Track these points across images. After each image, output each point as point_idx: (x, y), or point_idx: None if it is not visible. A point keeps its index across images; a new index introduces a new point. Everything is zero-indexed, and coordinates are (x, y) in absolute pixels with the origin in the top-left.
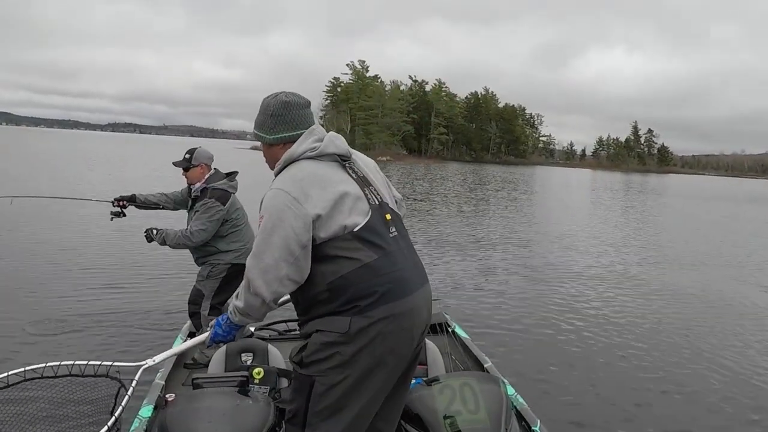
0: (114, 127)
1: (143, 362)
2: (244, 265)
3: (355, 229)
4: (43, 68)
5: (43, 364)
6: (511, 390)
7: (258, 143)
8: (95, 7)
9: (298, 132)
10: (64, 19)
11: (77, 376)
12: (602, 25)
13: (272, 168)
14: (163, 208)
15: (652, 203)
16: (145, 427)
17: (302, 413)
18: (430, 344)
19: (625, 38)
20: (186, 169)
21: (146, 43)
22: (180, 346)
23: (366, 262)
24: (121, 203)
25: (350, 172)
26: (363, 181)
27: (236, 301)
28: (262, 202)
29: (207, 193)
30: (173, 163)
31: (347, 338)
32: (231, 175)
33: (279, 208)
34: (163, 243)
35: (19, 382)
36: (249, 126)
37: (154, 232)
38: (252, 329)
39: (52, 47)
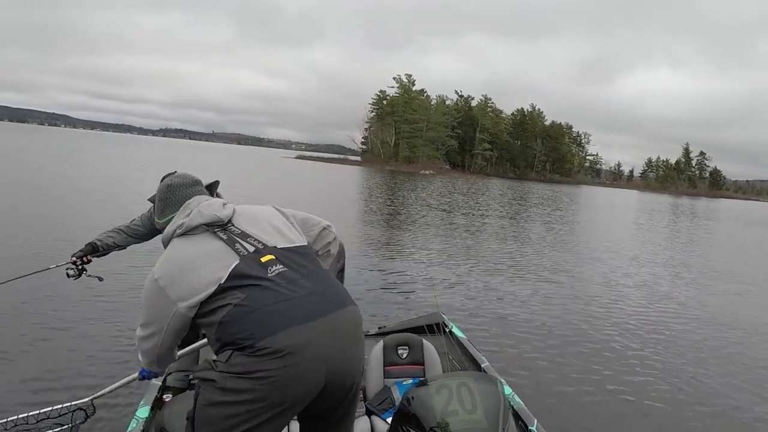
0: (165, 132)
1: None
2: None
3: (222, 282)
4: (98, 74)
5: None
6: (508, 390)
7: (304, 152)
8: (146, 17)
9: None
10: (118, 28)
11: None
12: (646, 43)
13: None
14: (125, 246)
15: (691, 224)
16: (142, 427)
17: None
18: (428, 344)
19: (670, 56)
20: None
21: (195, 53)
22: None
23: (236, 303)
24: (78, 261)
25: (221, 235)
26: (237, 238)
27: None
28: None
29: None
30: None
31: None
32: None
33: (147, 296)
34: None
35: None
36: (294, 135)
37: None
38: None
39: (107, 54)
